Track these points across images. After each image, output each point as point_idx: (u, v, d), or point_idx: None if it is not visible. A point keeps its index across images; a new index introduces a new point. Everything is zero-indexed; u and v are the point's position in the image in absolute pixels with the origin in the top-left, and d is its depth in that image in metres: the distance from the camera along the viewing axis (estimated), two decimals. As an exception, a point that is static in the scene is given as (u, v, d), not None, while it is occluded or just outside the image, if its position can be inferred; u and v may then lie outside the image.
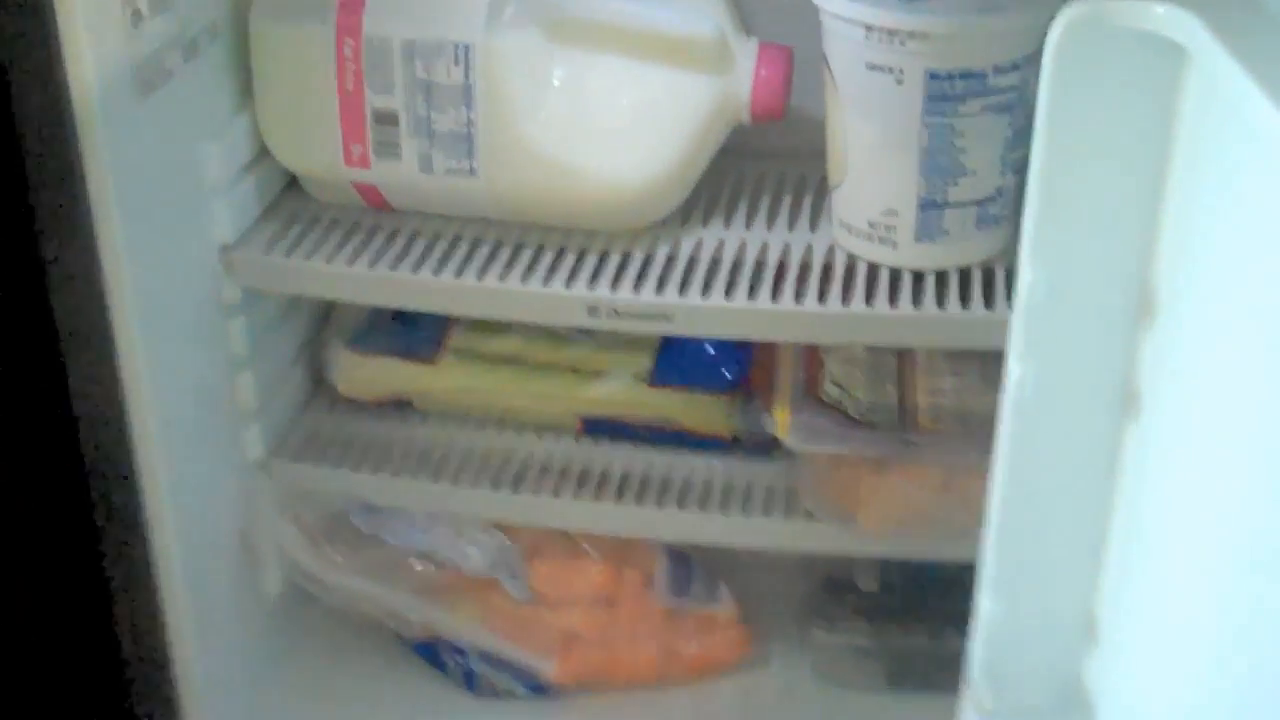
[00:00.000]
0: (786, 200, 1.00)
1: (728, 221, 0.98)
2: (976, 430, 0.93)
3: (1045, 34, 0.84)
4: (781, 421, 0.94)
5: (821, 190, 0.99)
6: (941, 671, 1.05)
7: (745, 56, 0.93)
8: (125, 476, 0.90)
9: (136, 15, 0.80)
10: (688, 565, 1.09)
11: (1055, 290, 0.67)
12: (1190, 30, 0.57)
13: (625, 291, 0.91)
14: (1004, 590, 0.75)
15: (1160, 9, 0.59)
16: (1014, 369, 0.69)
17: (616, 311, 0.90)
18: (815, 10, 0.88)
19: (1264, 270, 0.57)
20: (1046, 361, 0.69)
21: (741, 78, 0.93)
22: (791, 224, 0.98)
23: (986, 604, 0.76)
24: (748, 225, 0.97)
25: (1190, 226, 0.64)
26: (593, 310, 0.90)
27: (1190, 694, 0.66)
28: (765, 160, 1.04)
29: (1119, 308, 0.68)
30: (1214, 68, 0.55)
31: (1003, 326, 0.85)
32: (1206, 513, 0.64)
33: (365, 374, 1.04)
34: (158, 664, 0.97)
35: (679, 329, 0.91)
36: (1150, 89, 0.62)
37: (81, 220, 0.82)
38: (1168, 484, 0.69)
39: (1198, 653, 0.66)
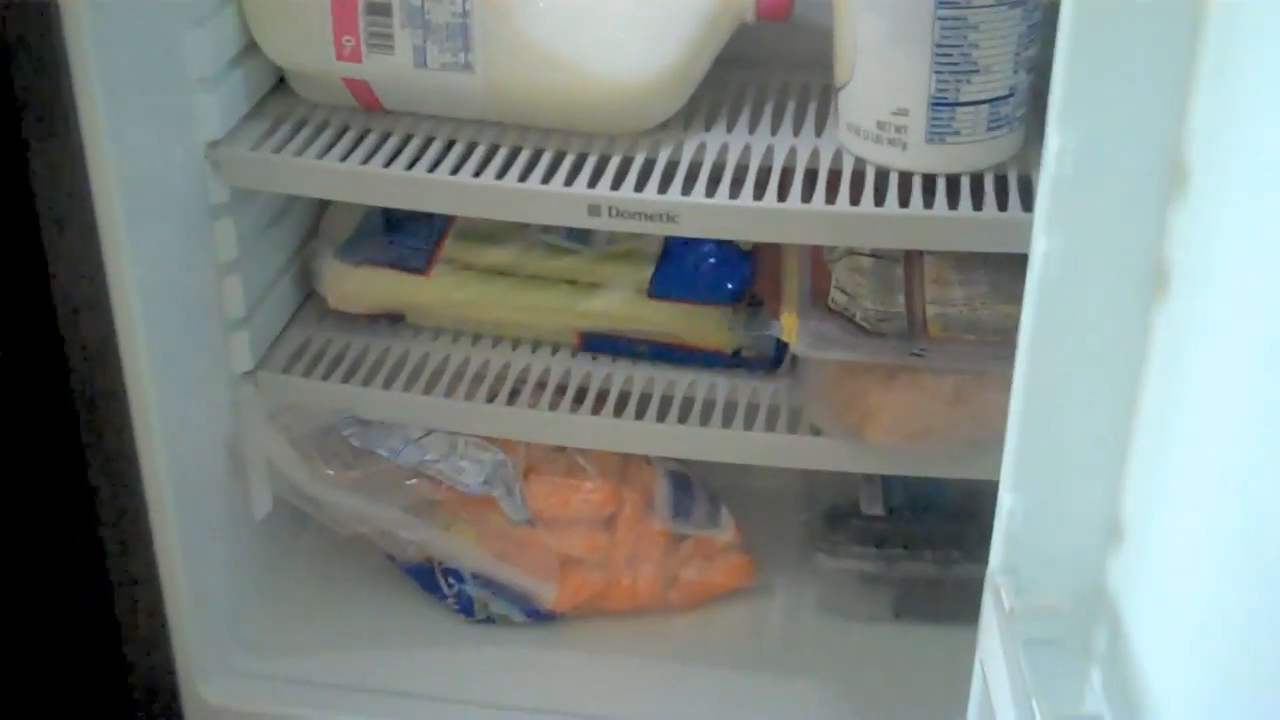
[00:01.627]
0: (791, 107, 0.98)
1: (730, 127, 0.95)
2: (987, 339, 0.91)
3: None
4: (789, 327, 0.92)
5: (826, 99, 0.97)
6: (948, 600, 1.04)
7: (751, -49, 0.90)
8: (111, 384, 0.88)
9: (120, -112, 0.77)
10: (689, 488, 1.06)
11: (1084, 158, 0.64)
12: None
13: (628, 191, 0.88)
14: (1026, 485, 0.72)
15: None
16: (1039, 243, 0.66)
17: (619, 211, 0.88)
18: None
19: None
20: (1073, 235, 0.66)
21: (747, -27, 0.90)
22: (797, 129, 0.95)
23: (1008, 499, 0.73)
24: (751, 130, 0.95)
25: (1223, 90, 0.61)
26: (594, 209, 0.88)
27: (1217, 598, 0.64)
28: (769, 69, 1.01)
29: (1150, 178, 0.65)
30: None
31: (1017, 228, 0.84)
32: (1238, 405, 0.62)
33: (355, 285, 1.01)
34: (145, 582, 0.95)
35: (684, 229, 0.88)
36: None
37: (63, 109, 0.79)
38: (1199, 374, 0.66)
39: (1225, 556, 0.63)
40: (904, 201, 0.87)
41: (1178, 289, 0.67)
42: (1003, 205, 0.87)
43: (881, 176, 0.89)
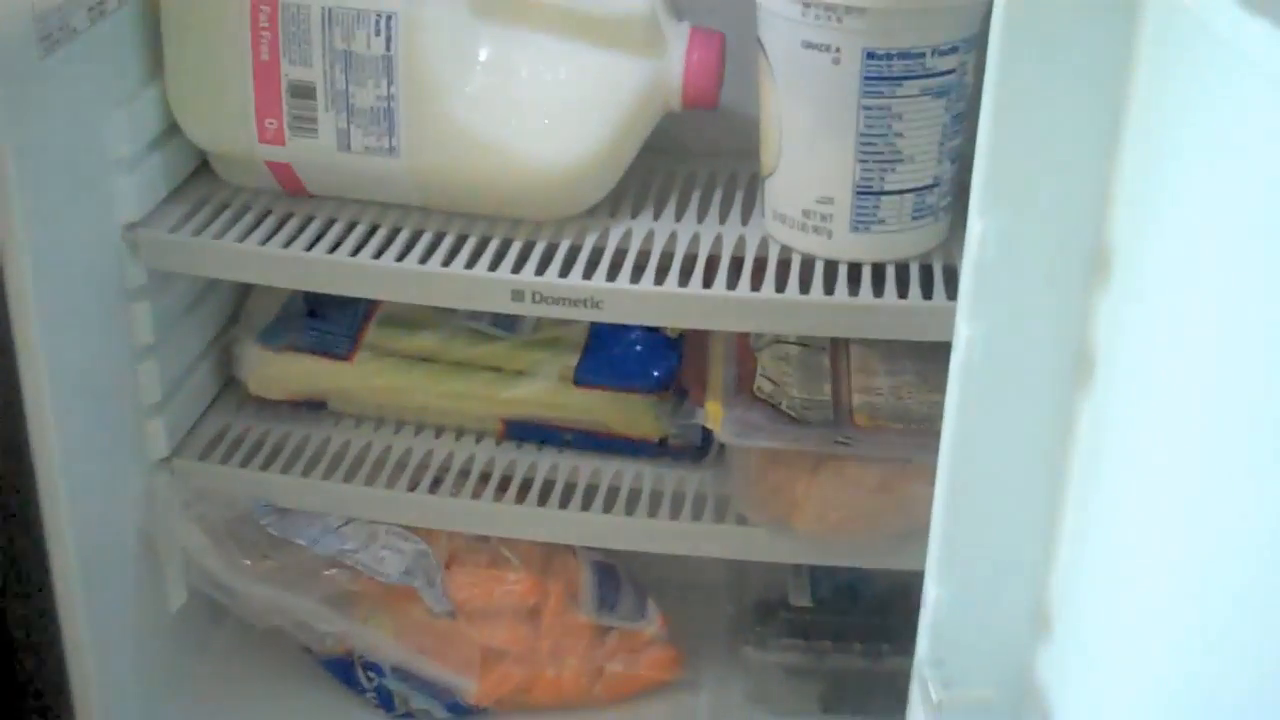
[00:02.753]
0: (717, 195, 0.98)
1: (657, 214, 0.95)
2: (914, 428, 0.91)
3: (984, 17, 0.84)
4: (714, 415, 0.91)
5: (752, 187, 0.97)
6: (878, 693, 1.02)
7: (677, 40, 0.90)
8: (19, 471, 0.85)
9: (39, -37, 0.77)
10: (615, 579, 1.05)
11: (1006, 243, 0.64)
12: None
13: (552, 276, 0.87)
14: (951, 575, 0.72)
15: (1118, -63, 0.56)
16: (962, 330, 0.66)
17: (543, 296, 0.87)
18: (746, -3, 0.86)
19: (1224, 219, 0.54)
20: (997, 322, 0.65)
21: (673, 62, 0.90)
22: (722, 218, 0.95)
23: (933, 590, 0.72)
24: (678, 218, 0.95)
25: (1148, 174, 0.61)
26: (518, 294, 0.87)
27: (1146, 688, 0.63)
28: (693, 159, 1.01)
29: (1073, 263, 0.65)
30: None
31: (942, 317, 0.84)
32: (1165, 493, 0.61)
33: (276, 371, 1.00)
34: (53, 679, 0.91)
35: (609, 315, 0.88)
36: (1107, 27, 0.60)
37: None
38: (1123, 460, 0.66)
39: (1154, 645, 0.63)
40: (829, 289, 0.87)
41: (1101, 375, 0.67)
42: (928, 294, 0.87)
43: (807, 265, 0.89)
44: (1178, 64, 0.59)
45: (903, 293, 0.87)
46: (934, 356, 0.92)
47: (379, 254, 0.89)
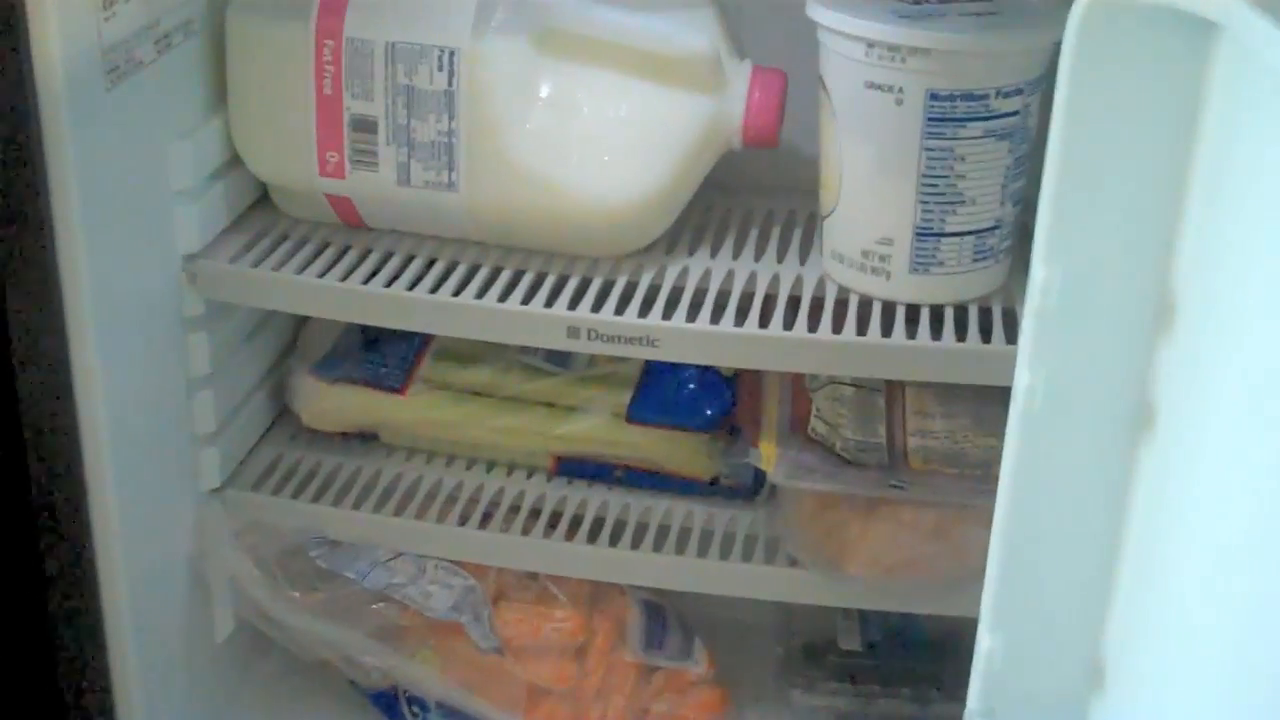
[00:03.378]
0: (775, 233, 0.97)
1: (714, 252, 0.95)
2: (969, 473, 0.90)
3: (1049, 59, 0.83)
4: (768, 456, 0.90)
5: (811, 226, 0.97)
6: (925, 740, 1.02)
7: (739, 79, 0.90)
8: (74, 499, 0.85)
9: (108, -4, 0.77)
10: (662, 619, 1.04)
11: (1069, 291, 0.63)
12: (1221, 2, 0.54)
13: (608, 314, 0.87)
14: (1005, 624, 0.71)
15: (1190, -17, 0.56)
16: (1022, 377, 0.65)
17: (598, 334, 0.87)
18: (806, 35, 0.86)
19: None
20: (1057, 370, 0.65)
21: (734, 100, 0.90)
22: (780, 257, 0.95)
23: (986, 639, 0.71)
24: (735, 256, 0.94)
25: (1216, 223, 0.61)
26: (573, 331, 0.87)
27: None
28: (752, 195, 1.01)
29: (1137, 312, 0.64)
30: (1250, 39, 0.52)
31: (1000, 361, 0.84)
32: (1226, 547, 0.61)
33: (330, 403, 1.00)
34: (101, 705, 0.91)
35: (664, 354, 0.87)
36: (1175, 72, 0.59)
37: (41, 215, 0.78)
38: (1184, 510, 0.65)
39: (1211, 703, 0.62)
40: (887, 331, 0.86)
41: (1163, 425, 0.66)
42: (986, 337, 0.86)
43: (865, 305, 0.88)
44: (1248, 110, 0.58)
45: (961, 336, 0.86)
46: (990, 400, 0.91)
47: (435, 288, 0.89)
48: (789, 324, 0.87)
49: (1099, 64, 0.59)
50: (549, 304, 0.88)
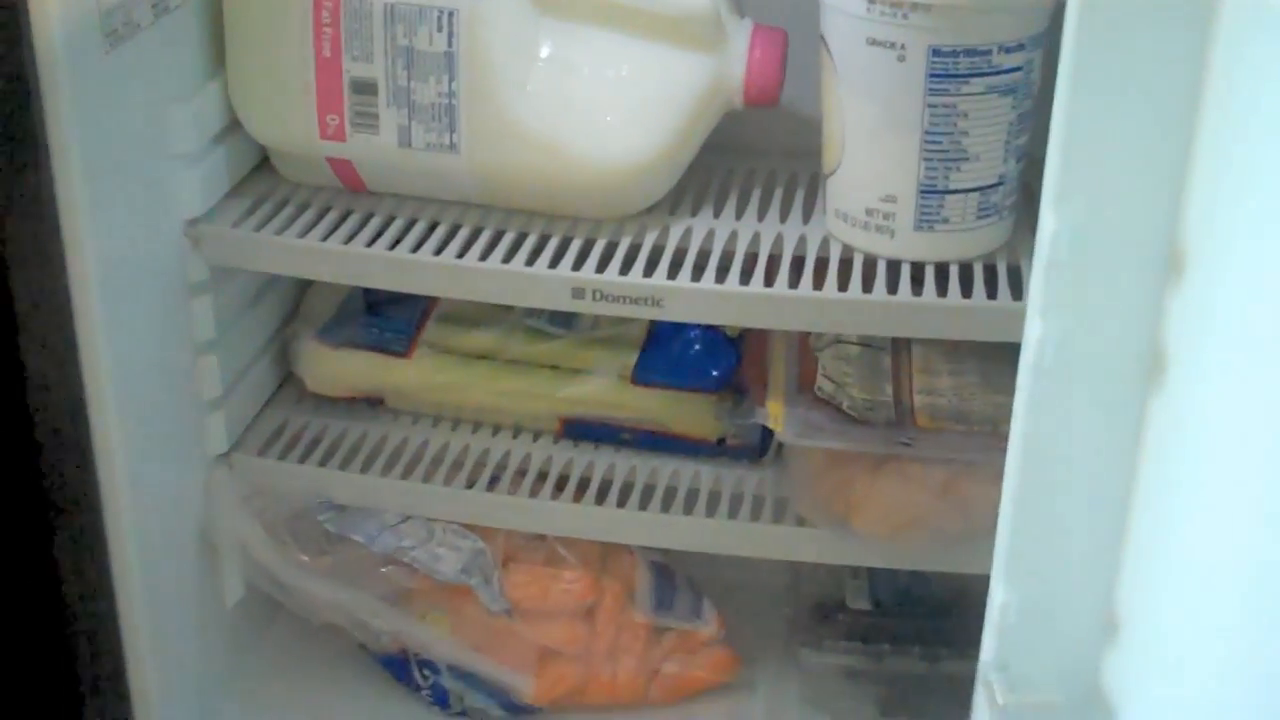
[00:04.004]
0: (778, 194, 0.97)
1: (717, 212, 0.95)
2: (976, 430, 0.90)
3: (1051, 14, 0.83)
4: (775, 415, 0.90)
5: (814, 186, 0.96)
6: (936, 697, 1.02)
7: (739, 37, 0.90)
8: (82, 465, 0.85)
9: (104, -42, 0.77)
10: (671, 580, 1.04)
11: (1079, 241, 0.63)
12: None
13: (613, 274, 0.87)
14: (1018, 578, 0.71)
15: (1199, -73, 0.55)
16: (1033, 328, 0.65)
17: (603, 294, 0.87)
18: (806, -7, 0.86)
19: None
20: (1069, 320, 0.64)
21: (735, 59, 0.90)
22: (783, 217, 0.94)
23: (1000, 593, 0.71)
24: (738, 216, 0.94)
25: (1225, 171, 0.60)
26: (578, 292, 0.87)
27: (1217, 695, 0.62)
28: (754, 157, 1.01)
29: (1147, 261, 0.63)
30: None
31: (1006, 317, 0.84)
32: (1238, 496, 0.60)
33: (334, 367, 1.00)
34: (112, 671, 0.92)
35: (669, 313, 0.87)
36: (1183, 16, 0.59)
37: (42, 179, 0.77)
38: (1195, 462, 0.65)
39: (1226, 651, 0.62)
40: (892, 289, 0.86)
41: (1174, 375, 0.65)
42: (992, 294, 0.86)
43: (869, 264, 0.88)
44: (1255, 56, 0.58)
45: (966, 293, 0.86)
46: (997, 357, 0.91)
47: (439, 251, 0.89)
48: (794, 283, 0.87)
49: (1106, 9, 0.59)
50: (553, 265, 0.88)
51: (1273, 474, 0.57)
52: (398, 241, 0.90)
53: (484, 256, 0.88)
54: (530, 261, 0.88)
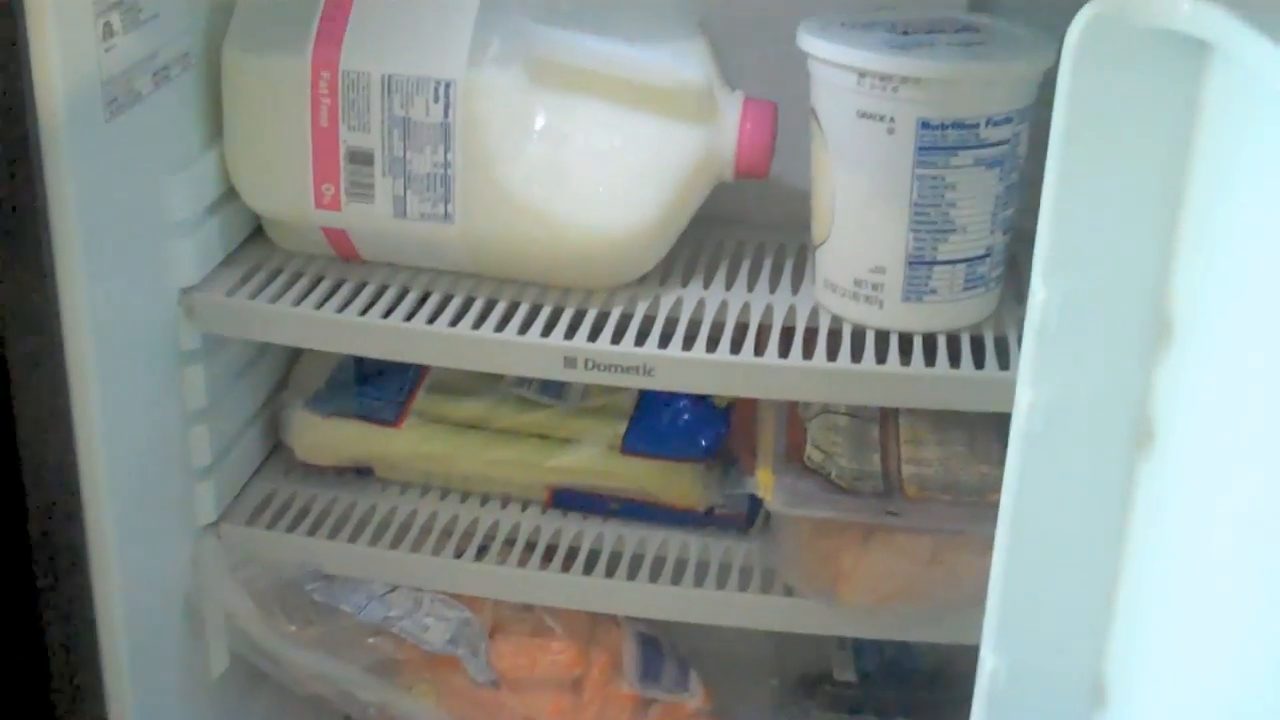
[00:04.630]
0: (767, 265, 0.98)
1: (708, 282, 0.96)
2: (964, 500, 0.91)
3: (1038, 88, 0.85)
4: (765, 483, 0.91)
5: (803, 257, 0.98)
6: (922, 768, 1.02)
7: (730, 110, 0.91)
8: (70, 531, 0.86)
9: (108, 29, 0.78)
10: (658, 651, 1.05)
11: (1069, 310, 0.64)
12: (1219, 23, 0.55)
13: (604, 343, 0.88)
14: (1008, 645, 0.71)
15: (1187, 5, 0.57)
16: (1024, 396, 0.66)
17: (595, 363, 0.88)
18: (796, 68, 0.87)
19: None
20: (1058, 388, 0.66)
21: (726, 131, 0.91)
22: (773, 287, 0.96)
23: (990, 660, 0.72)
24: (728, 287, 0.95)
25: (1211, 242, 0.62)
26: (570, 361, 0.88)
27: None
28: (744, 228, 1.02)
29: (1135, 330, 0.65)
30: (1245, 58, 0.53)
31: (994, 388, 0.85)
32: (1225, 565, 0.61)
33: (324, 436, 1.00)
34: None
35: (660, 382, 0.88)
36: (1171, 91, 0.61)
37: (40, 246, 0.78)
38: (1185, 526, 0.66)
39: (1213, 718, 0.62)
40: (880, 359, 0.87)
41: (1162, 443, 0.67)
42: (979, 364, 0.87)
43: (858, 334, 0.89)
44: (1242, 129, 0.59)
45: (954, 363, 0.87)
46: (984, 427, 0.92)
47: (432, 320, 0.90)
48: (783, 353, 0.88)
49: (1096, 83, 0.61)
50: (545, 334, 0.89)
51: (1257, 543, 0.58)
52: (391, 310, 0.90)
53: (477, 326, 0.89)
54: (523, 331, 0.89)
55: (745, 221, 1.02)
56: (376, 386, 1.01)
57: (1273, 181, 0.57)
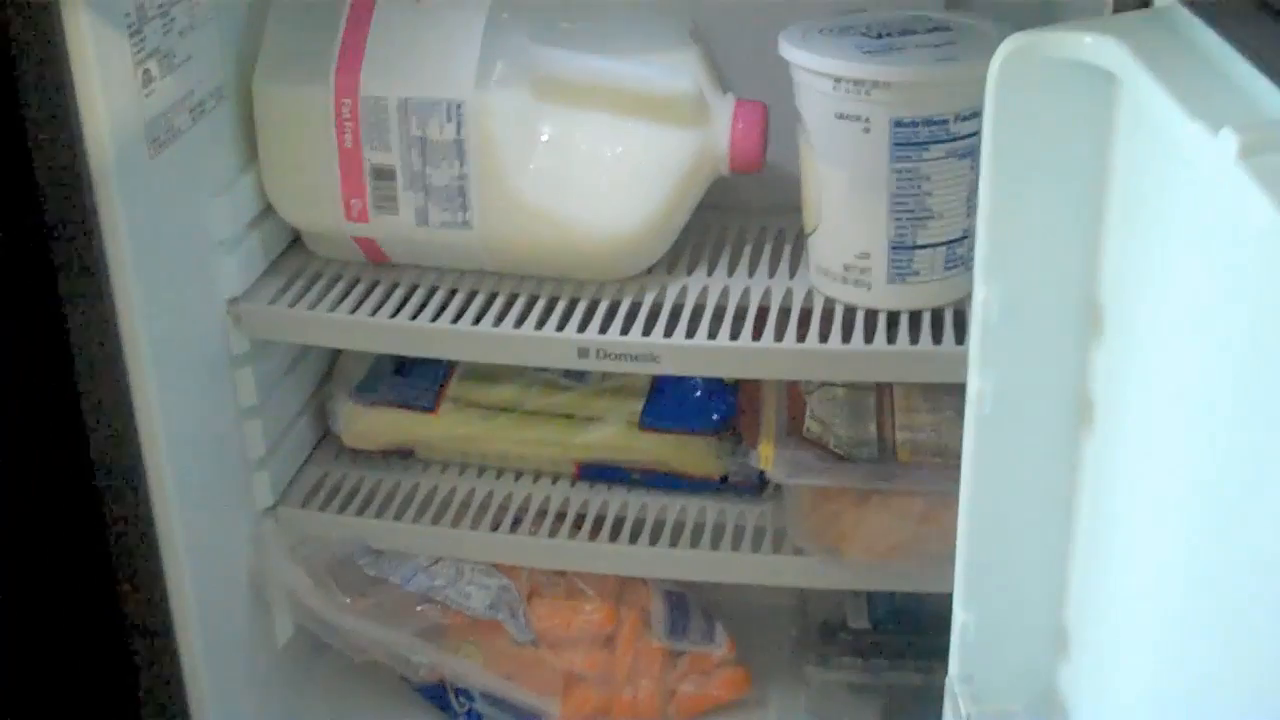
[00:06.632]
0: (766, 250, 1.04)
1: (710, 270, 1.02)
2: (954, 463, 0.97)
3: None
4: (766, 456, 0.98)
5: (799, 241, 1.03)
6: (934, 706, 1.08)
7: (723, 111, 0.97)
8: (141, 523, 0.93)
9: (147, 76, 0.85)
10: (684, 606, 1.12)
11: (1008, 307, 0.70)
12: (1118, 58, 0.61)
13: (614, 334, 0.95)
14: (975, 601, 0.78)
15: (1089, 39, 0.63)
16: (973, 383, 0.72)
17: (606, 353, 0.94)
18: (787, 68, 0.93)
19: (1195, 280, 0.61)
20: (1003, 375, 0.72)
21: (720, 132, 0.97)
22: (771, 272, 1.02)
23: (960, 615, 0.78)
24: (730, 273, 1.02)
25: (1130, 242, 0.68)
26: (583, 352, 0.95)
27: (1159, 697, 0.69)
28: (745, 215, 1.08)
29: (1070, 322, 0.71)
30: (1140, 91, 0.60)
31: (975, 360, 0.90)
32: (1164, 519, 0.67)
33: (368, 424, 1.08)
34: (174, 712, 0.99)
35: (666, 368, 0.95)
36: (1086, 114, 0.66)
37: (98, 273, 0.85)
38: (1126, 491, 0.71)
39: (1164, 657, 0.68)
40: (869, 338, 0.93)
41: (1101, 419, 0.73)
42: (961, 339, 0.92)
43: (849, 314, 0.95)
44: (1148, 147, 0.65)
45: (937, 338, 0.93)
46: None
47: (457, 318, 0.96)
48: (780, 335, 0.94)
49: (1018, 108, 0.66)
50: (560, 327, 0.95)
51: (1193, 499, 0.64)
52: (419, 311, 0.97)
53: (497, 321, 0.96)
54: (539, 324, 0.96)
55: (747, 209, 1.08)
56: (413, 376, 1.08)
57: (1171, 190, 0.63)
